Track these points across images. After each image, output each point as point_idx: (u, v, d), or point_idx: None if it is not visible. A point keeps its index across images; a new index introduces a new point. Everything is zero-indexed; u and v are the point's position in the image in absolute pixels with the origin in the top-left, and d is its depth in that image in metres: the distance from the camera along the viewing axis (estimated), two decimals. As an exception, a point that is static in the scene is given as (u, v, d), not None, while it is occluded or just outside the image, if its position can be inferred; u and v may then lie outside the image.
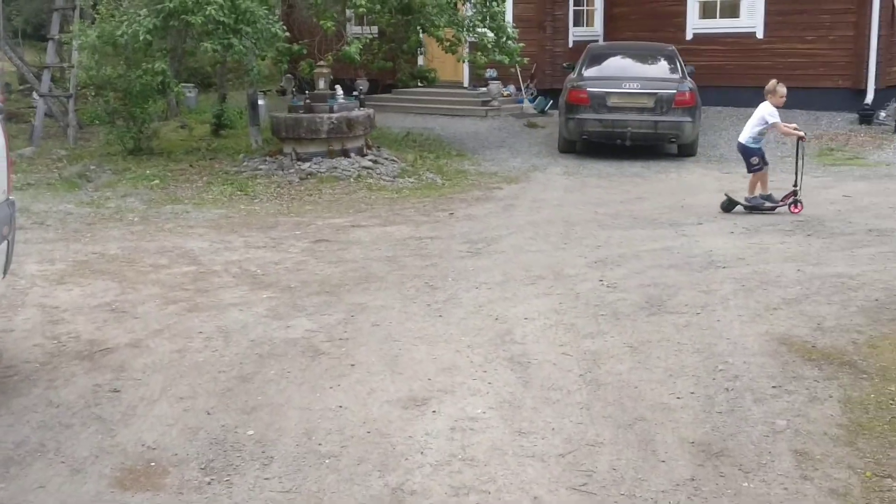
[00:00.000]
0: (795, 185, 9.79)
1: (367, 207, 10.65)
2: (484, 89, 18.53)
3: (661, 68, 14.52)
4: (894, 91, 16.15)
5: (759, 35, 17.39)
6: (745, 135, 9.98)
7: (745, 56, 17.45)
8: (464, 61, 15.57)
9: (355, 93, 15.84)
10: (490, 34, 14.35)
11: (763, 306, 6.43)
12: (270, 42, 12.39)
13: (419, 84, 17.61)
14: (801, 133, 9.92)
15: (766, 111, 9.77)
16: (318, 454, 4.32)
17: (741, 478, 3.98)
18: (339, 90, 13.00)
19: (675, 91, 13.59)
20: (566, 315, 6.36)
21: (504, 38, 14.28)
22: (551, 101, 18.06)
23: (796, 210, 9.69)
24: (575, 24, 19.11)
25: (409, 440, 4.45)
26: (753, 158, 9.93)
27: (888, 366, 5.19)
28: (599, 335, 5.91)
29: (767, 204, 9.90)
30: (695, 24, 18.22)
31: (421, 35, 14.48)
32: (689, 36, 18.17)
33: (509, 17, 16.92)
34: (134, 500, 3.91)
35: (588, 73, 14.44)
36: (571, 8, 18.90)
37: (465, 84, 19.49)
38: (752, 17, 17.47)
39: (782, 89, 9.79)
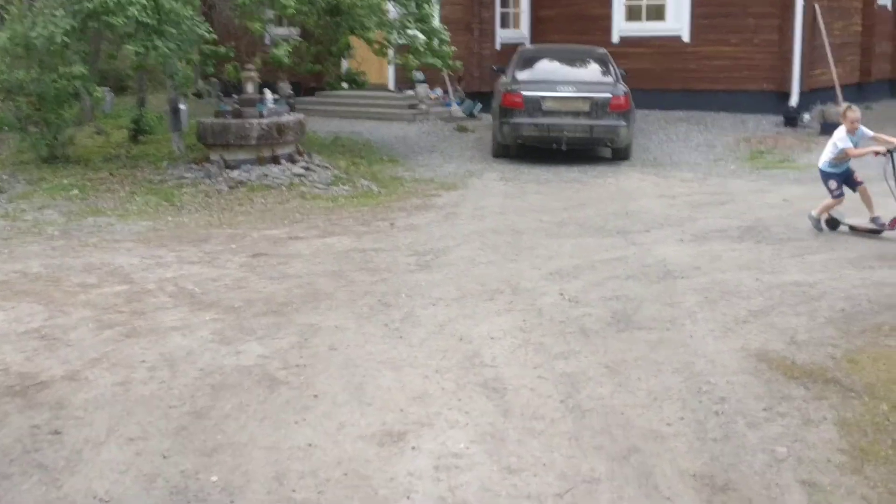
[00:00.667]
0: None
1: (302, 217, 10.22)
2: (411, 92, 18.21)
3: (594, 72, 14.42)
4: (818, 94, 16.42)
5: (686, 38, 17.49)
6: (822, 160, 9.24)
7: (671, 59, 17.53)
8: (393, 64, 15.20)
9: (275, 96, 15.35)
10: (421, 37, 14.03)
11: (731, 319, 6.29)
12: (195, 44, 11.83)
13: (343, 87, 17.19)
14: (880, 148, 8.81)
15: (836, 136, 9.04)
16: (294, 502, 3.95)
17: (755, 515, 3.76)
18: (269, 94, 12.52)
19: (610, 95, 13.49)
20: (533, 333, 6.09)
21: (436, 41, 13.97)
22: (480, 105, 17.85)
23: None
24: (502, 27, 18.92)
25: (392, 482, 4.11)
26: (831, 183, 9.05)
27: (873, 382, 5.07)
28: (572, 355, 5.66)
29: (871, 226, 8.87)
30: (621, 27, 18.23)
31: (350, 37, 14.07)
32: (615, 39, 18.17)
33: (436, 19, 16.62)
34: (92, 566, 3.49)
35: (521, 76, 14.24)
36: (498, 10, 18.70)
37: (391, 87, 19.13)
38: (678, 21, 17.55)
39: (852, 114, 8.89)
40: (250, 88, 12.46)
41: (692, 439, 4.46)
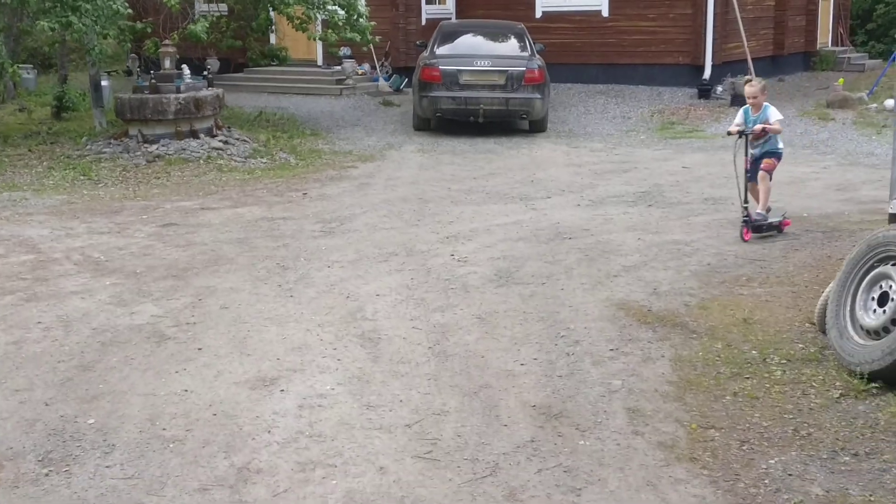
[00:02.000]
0: (744, 202, 7.72)
1: (217, 189, 10.44)
2: (338, 68, 18.40)
3: (511, 46, 14.77)
4: (732, 66, 16.93)
5: (605, 13, 17.89)
6: None
7: (592, 34, 17.93)
8: (315, 39, 15.38)
9: (205, 72, 15.46)
10: (341, 12, 14.23)
11: (604, 274, 6.68)
12: (112, 20, 11.92)
13: (272, 63, 17.30)
14: (734, 128, 7.93)
15: None
16: (163, 439, 4.25)
17: (578, 436, 4.15)
18: (186, 70, 12.65)
19: (524, 68, 13.86)
20: (417, 290, 6.43)
21: (355, 16, 14.19)
22: (406, 79, 18.09)
23: (747, 236, 7.55)
24: (427, 2, 19.16)
25: (257, 420, 4.43)
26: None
27: (716, 325, 5.49)
28: (449, 308, 6.01)
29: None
30: (544, 2, 18.56)
31: (271, 13, 14.22)
32: (538, 14, 18.51)
33: (357, -7, 16.82)
34: (-37, 498, 3.75)
35: (440, 50, 14.55)
36: (423, -15, 18.95)
37: (319, 63, 19.29)
38: (597, -4, 17.94)
39: (747, 88, 7.98)
40: (168, 64, 12.59)
41: (540, 376, 4.83)
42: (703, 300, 6.00)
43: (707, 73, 16.68)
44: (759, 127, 7.77)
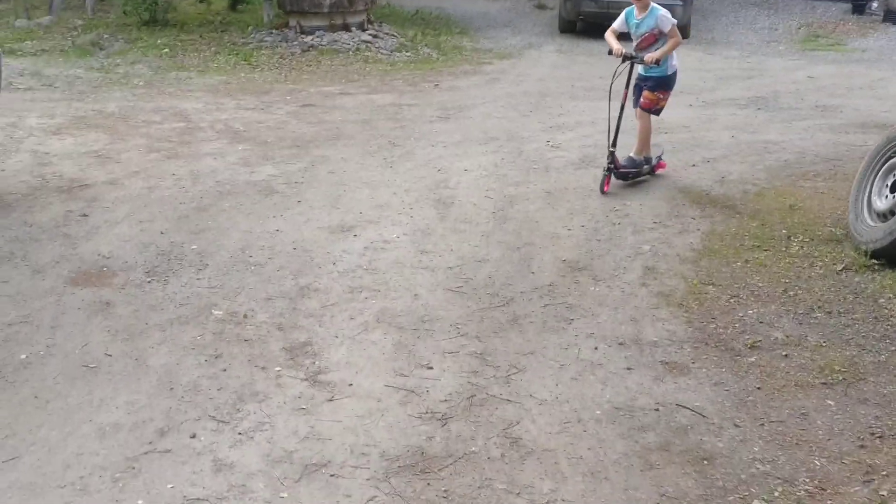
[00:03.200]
0: (611, 145, 6.38)
1: (359, 78, 11.25)
2: (499, -30, 18.73)
3: (659, -48, 14.70)
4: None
5: (769, -78, 17.35)
6: None
7: (753, -58, 17.47)
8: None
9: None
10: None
11: (683, 164, 7.04)
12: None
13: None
14: (617, 48, 6.57)
15: None
16: (247, 263, 5.11)
17: (591, 284, 4.71)
18: (341, -34, 13.40)
19: (668, -27, 13.83)
20: (502, 168, 7.02)
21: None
22: (564, -16, 18.23)
23: (606, 187, 6.28)
24: None
25: (327, 255, 5.22)
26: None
27: (761, 209, 5.83)
28: (524, 183, 6.59)
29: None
30: None
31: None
32: (702, -79, 18.11)
33: None
34: (82, 293, 4.71)
35: (587, -44, 14.68)
36: None
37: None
38: None
39: None
40: (325, -41, 13.39)
41: (580, 240, 5.38)
42: (763, 189, 6.30)
43: (864, -12, 16.06)
44: (650, 57, 6.34)
